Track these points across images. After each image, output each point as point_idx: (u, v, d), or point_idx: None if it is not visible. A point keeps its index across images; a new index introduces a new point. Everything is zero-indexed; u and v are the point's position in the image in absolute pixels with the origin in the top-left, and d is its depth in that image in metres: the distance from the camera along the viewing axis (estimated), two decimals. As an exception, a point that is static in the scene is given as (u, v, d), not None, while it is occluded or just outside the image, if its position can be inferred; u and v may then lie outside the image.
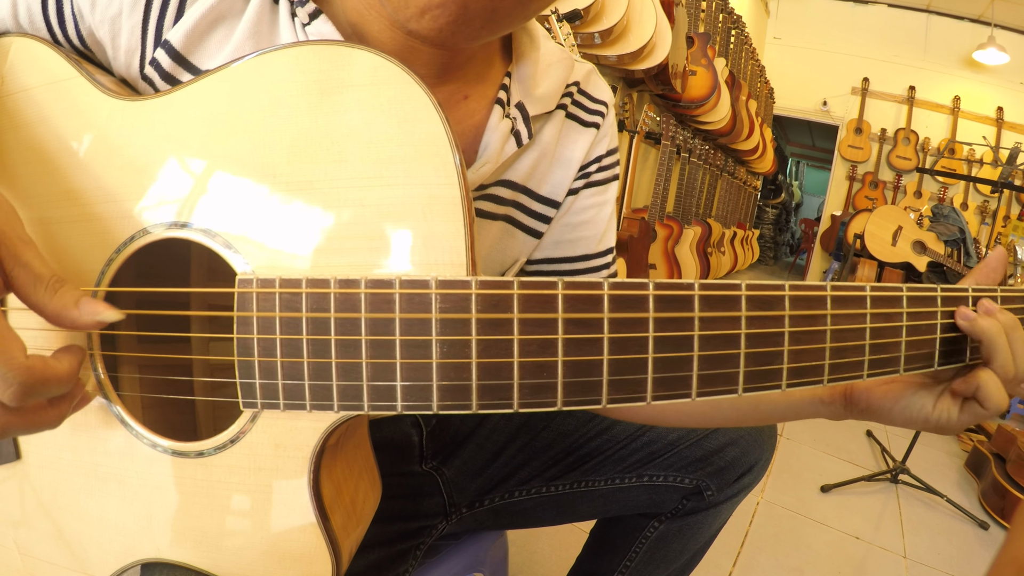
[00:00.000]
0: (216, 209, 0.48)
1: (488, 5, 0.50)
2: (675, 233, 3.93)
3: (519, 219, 0.73)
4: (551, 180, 0.73)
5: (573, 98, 0.74)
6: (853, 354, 0.48)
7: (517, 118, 0.66)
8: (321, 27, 0.55)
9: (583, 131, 0.74)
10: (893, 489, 2.59)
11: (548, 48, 0.70)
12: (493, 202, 0.69)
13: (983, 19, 6.57)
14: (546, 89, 0.68)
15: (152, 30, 0.55)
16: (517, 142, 0.66)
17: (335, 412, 0.46)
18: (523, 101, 0.66)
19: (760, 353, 0.45)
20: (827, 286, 0.46)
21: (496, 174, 0.67)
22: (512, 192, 0.70)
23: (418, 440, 0.89)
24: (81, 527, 0.55)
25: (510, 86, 0.66)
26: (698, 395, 0.44)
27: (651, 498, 0.89)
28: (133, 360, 0.59)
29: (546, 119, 0.71)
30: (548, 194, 0.74)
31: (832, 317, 0.47)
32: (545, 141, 0.71)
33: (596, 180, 0.77)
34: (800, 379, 0.47)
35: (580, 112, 0.74)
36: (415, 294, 0.43)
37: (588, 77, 0.76)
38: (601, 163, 0.77)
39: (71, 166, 0.52)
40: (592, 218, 0.78)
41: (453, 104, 0.64)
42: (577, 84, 0.74)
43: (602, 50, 2.60)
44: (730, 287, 0.44)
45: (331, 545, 0.50)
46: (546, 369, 0.43)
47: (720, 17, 4.51)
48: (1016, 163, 4.17)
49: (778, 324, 0.45)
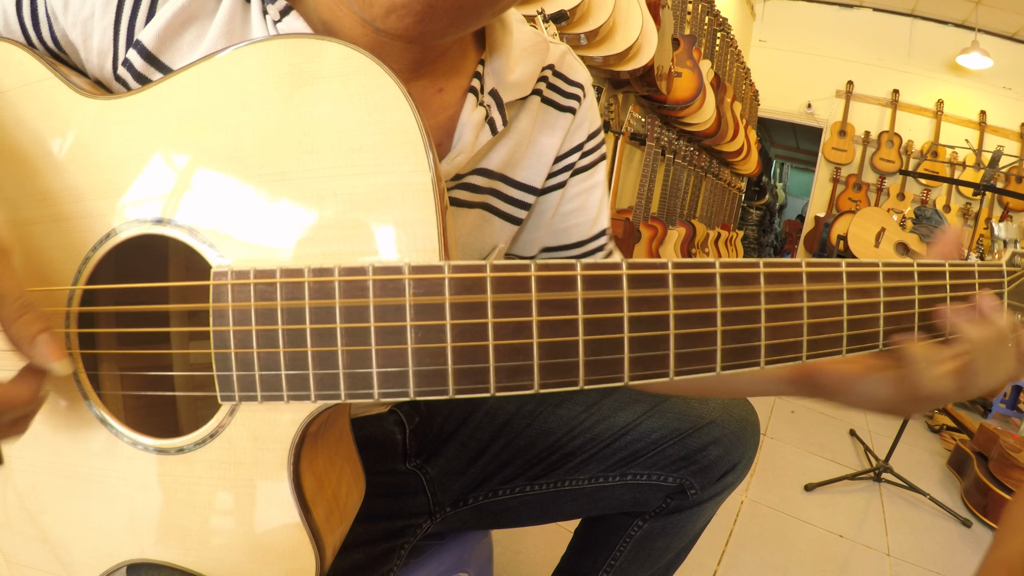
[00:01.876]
0: (191, 204, 0.48)
1: (454, 3, 0.49)
2: (659, 234, 3.93)
3: (496, 206, 0.72)
4: (527, 166, 0.73)
5: (548, 82, 0.73)
6: (831, 330, 0.48)
7: (491, 106, 0.65)
8: (292, 23, 0.55)
9: (559, 116, 0.74)
10: (876, 488, 2.61)
11: (522, 33, 0.70)
12: (469, 191, 0.69)
13: (967, 24, 6.64)
14: (520, 75, 0.68)
15: (124, 31, 0.55)
16: (491, 130, 0.65)
17: (312, 402, 0.46)
18: (496, 88, 0.66)
19: (737, 331, 0.45)
20: (802, 262, 0.46)
21: (472, 163, 0.67)
22: (488, 180, 0.70)
23: (401, 438, 0.89)
24: (65, 530, 0.55)
25: (483, 74, 0.66)
26: (676, 374, 0.44)
27: (635, 497, 0.89)
28: (114, 359, 0.59)
29: (521, 105, 0.71)
30: (525, 180, 0.73)
31: (808, 293, 0.46)
32: (521, 128, 0.71)
33: (581, 167, 0.78)
34: (779, 356, 0.46)
35: (556, 96, 0.74)
36: (389, 280, 0.43)
37: (563, 58, 0.76)
38: (584, 149, 0.77)
39: (47, 167, 0.52)
40: (582, 204, 0.79)
41: (428, 98, 0.64)
42: (552, 67, 0.74)
43: (588, 51, 2.60)
44: (704, 264, 0.44)
45: (314, 538, 0.49)
46: (521, 351, 0.43)
47: (706, 20, 4.52)
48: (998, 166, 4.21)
49: (754, 301, 0.45)
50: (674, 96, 3.71)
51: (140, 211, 0.50)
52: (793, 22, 7.31)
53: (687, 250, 4.44)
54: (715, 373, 0.45)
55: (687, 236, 4.43)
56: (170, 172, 0.49)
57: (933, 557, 2.16)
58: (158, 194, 0.49)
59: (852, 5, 7.04)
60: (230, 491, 0.50)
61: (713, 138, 4.67)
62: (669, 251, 4.03)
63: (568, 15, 2.28)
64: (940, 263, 0.52)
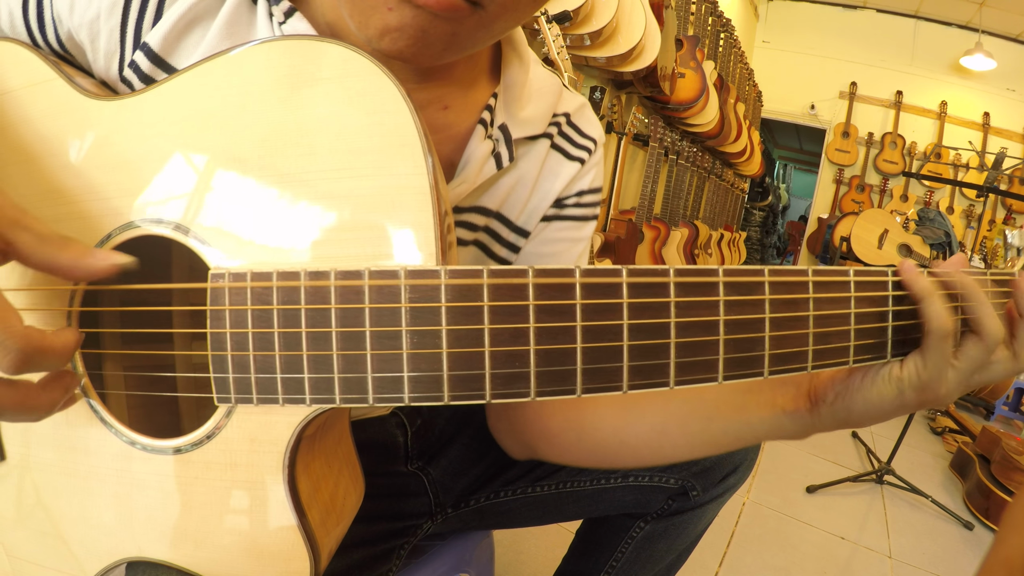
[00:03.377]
0: (191, 205, 0.48)
1: (447, 29, 0.48)
2: (662, 235, 3.93)
3: (490, 247, 0.71)
4: (527, 210, 0.72)
5: (561, 129, 0.72)
6: (838, 339, 0.47)
7: (499, 140, 0.65)
8: (296, 24, 0.55)
9: (566, 164, 0.72)
10: (878, 490, 2.60)
11: (538, 74, 0.69)
12: (466, 228, 0.68)
13: (971, 25, 6.63)
14: (531, 113, 0.67)
15: (131, 32, 0.55)
16: (497, 164, 0.65)
17: (308, 405, 0.46)
18: (506, 123, 0.65)
19: (740, 339, 0.44)
20: (808, 270, 0.45)
21: (472, 197, 0.66)
22: (485, 218, 0.69)
23: (403, 440, 0.89)
24: (65, 526, 0.55)
25: (495, 107, 0.65)
26: (676, 383, 0.43)
27: (637, 498, 0.89)
28: (117, 359, 0.59)
29: (530, 146, 0.69)
30: (521, 224, 0.72)
31: (815, 302, 0.46)
32: (525, 168, 0.69)
33: (572, 215, 0.75)
34: (784, 366, 0.45)
35: (566, 145, 0.73)
36: (385, 285, 0.43)
37: (580, 111, 0.75)
38: (581, 198, 0.75)
39: (49, 167, 0.52)
40: (561, 252, 0.75)
41: (432, 111, 0.63)
42: (567, 116, 0.73)
43: (591, 52, 2.60)
44: (707, 272, 0.43)
45: (308, 541, 0.49)
46: (518, 358, 0.42)
47: (709, 20, 4.52)
48: (1002, 168, 4.20)
49: (758, 309, 0.44)
50: (677, 97, 3.70)
51: (141, 212, 0.50)
52: (796, 23, 7.30)
53: (690, 251, 4.43)
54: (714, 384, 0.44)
55: (690, 237, 4.42)
56: (170, 174, 0.49)
57: (935, 559, 2.15)
58: (159, 195, 0.49)
59: (856, 6, 7.03)
60: (226, 492, 0.50)
61: (716, 139, 4.66)
62: (672, 252, 4.03)
63: (572, 16, 2.27)
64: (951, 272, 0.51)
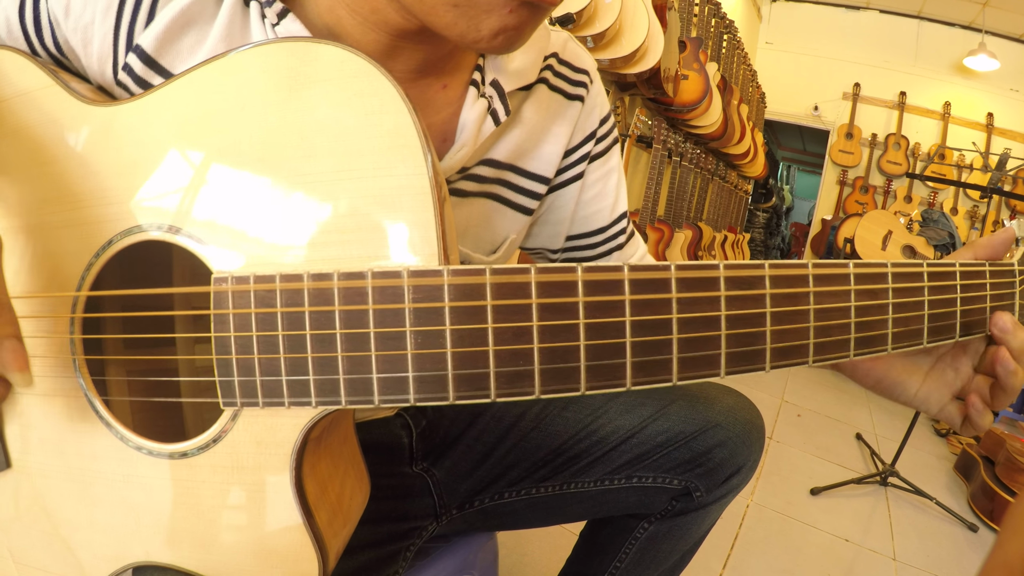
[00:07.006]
0: (191, 209, 0.48)
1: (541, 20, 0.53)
2: (666, 236, 3.93)
3: (506, 196, 0.73)
4: (538, 156, 0.73)
5: (554, 69, 0.74)
6: (838, 333, 0.47)
7: (493, 96, 0.65)
8: (290, 26, 0.55)
9: (569, 105, 0.74)
10: (882, 492, 2.59)
11: None
12: (474, 181, 0.69)
13: (974, 26, 6.61)
14: (521, 63, 0.68)
15: (124, 35, 0.55)
16: (494, 120, 0.65)
17: (313, 407, 0.46)
18: (497, 78, 0.66)
19: (742, 334, 0.44)
20: (808, 264, 0.45)
21: (477, 155, 0.67)
22: (496, 170, 0.70)
23: (408, 441, 0.89)
24: (72, 532, 0.55)
25: (484, 66, 0.66)
26: (679, 379, 0.43)
27: (640, 499, 0.89)
28: (120, 364, 0.59)
29: (527, 95, 0.71)
30: (535, 170, 0.74)
31: (815, 295, 0.46)
32: (529, 117, 0.71)
33: (597, 153, 0.79)
34: (784, 360, 0.46)
35: (563, 83, 0.74)
36: (387, 285, 0.43)
37: (565, 46, 0.76)
38: (597, 135, 0.78)
39: (49, 174, 0.52)
40: (601, 190, 0.81)
41: (432, 95, 0.64)
42: (556, 55, 0.74)
43: (594, 54, 2.60)
44: (708, 267, 0.43)
45: (316, 542, 0.49)
46: (522, 357, 0.42)
47: (712, 22, 4.52)
48: (1005, 169, 4.19)
49: (759, 304, 0.44)
50: (681, 99, 3.70)
51: (141, 218, 0.50)
52: (800, 24, 7.29)
53: (693, 252, 4.43)
54: (719, 377, 0.45)
55: (694, 239, 4.42)
56: (170, 178, 0.49)
57: (939, 562, 2.14)
58: (158, 200, 0.49)
59: (859, 7, 7.01)
60: (233, 495, 0.50)
61: (720, 140, 4.66)
62: (675, 254, 4.03)
63: (575, 18, 2.28)
64: (950, 264, 0.52)
